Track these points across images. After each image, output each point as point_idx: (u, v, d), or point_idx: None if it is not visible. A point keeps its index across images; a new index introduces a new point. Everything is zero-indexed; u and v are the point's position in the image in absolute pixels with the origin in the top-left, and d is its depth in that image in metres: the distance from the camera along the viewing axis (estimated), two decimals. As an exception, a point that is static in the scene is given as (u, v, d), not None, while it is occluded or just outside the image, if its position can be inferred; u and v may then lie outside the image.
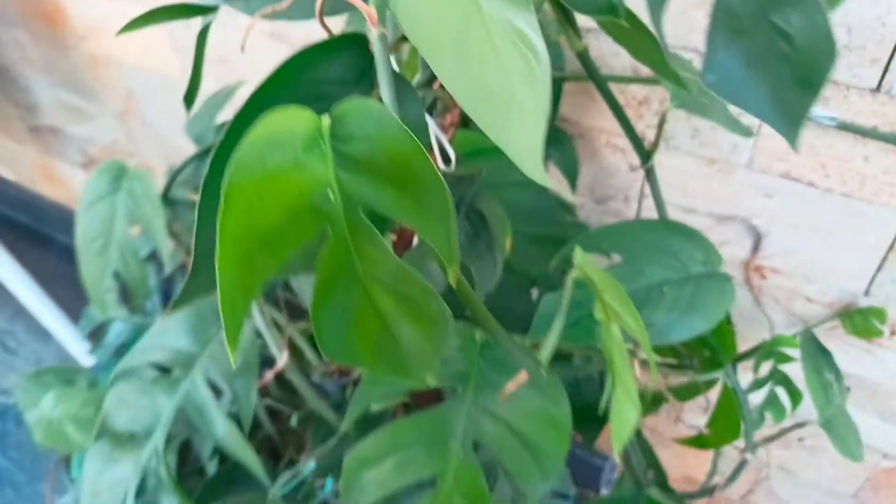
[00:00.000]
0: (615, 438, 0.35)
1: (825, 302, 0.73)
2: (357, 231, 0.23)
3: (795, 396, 0.71)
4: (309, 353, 0.56)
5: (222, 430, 0.46)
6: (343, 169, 0.23)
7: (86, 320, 0.98)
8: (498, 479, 0.50)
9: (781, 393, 0.70)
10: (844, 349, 0.75)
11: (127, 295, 0.72)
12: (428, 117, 0.34)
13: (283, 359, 0.45)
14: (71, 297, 1.06)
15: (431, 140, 0.34)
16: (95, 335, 0.97)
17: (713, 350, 0.54)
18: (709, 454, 0.71)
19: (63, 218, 1.89)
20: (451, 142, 0.37)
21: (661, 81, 0.51)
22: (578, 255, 0.34)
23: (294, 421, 0.63)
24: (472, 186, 0.47)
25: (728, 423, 0.56)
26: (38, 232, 1.88)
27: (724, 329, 0.52)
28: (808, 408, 0.69)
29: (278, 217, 0.22)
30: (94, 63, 1.19)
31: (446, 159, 0.35)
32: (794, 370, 0.67)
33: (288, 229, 0.23)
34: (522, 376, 0.35)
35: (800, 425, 0.61)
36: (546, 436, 0.42)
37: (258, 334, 0.48)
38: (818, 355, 0.58)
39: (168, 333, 0.51)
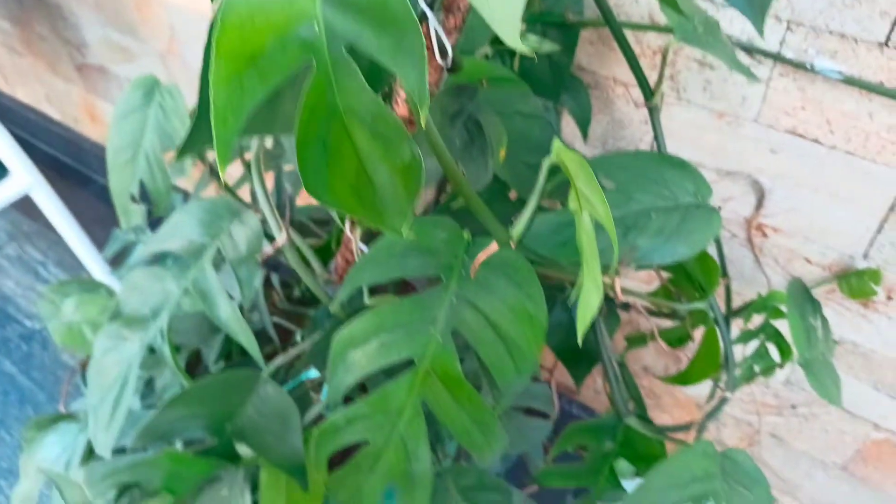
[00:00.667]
0: (580, 322, 0.38)
1: (824, 264, 0.74)
2: (338, 65, 0.26)
3: (785, 352, 0.72)
4: (314, 263, 0.60)
5: (225, 313, 0.49)
6: (328, 5, 0.26)
7: (112, 242, 1.03)
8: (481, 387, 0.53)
9: (772, 350, 0.72)
10: (840, 312, 0.76)
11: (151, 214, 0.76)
12: (427, 9, 0.37)
13: (282, 236, 0.49)
14: (104, 236, 1.11)
15: (430, 32, 0.37)
16: (120, 259, 1.02)
17: (698, 283, 0.56)
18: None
19: (103, 159, 1.95)
20: (453, 47, 0.40)
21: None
22: (556, 144, 0.36)
23: (299, 336, 0.67)
24: (474, 99, 0.49)
25: (709, 357, 0.57)
26: (78, 172, 1.95)
27: (709, 262, 0.54)
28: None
29: (267, 41, 0.25)
30: (142, 1, 1.23)
31: (443, 53, 0.37)
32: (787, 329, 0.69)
33: (276, 55, 0.25)
34: (492, 247, 0.37)
35: (779, 365, 0.62)
36: (522, 331, 0.44)
37: (263, 222, 0.51)
38: (805, 302, 0.59)
39: (181, 226, 0.54)
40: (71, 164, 1.96)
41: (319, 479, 0.55)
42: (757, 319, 0.73)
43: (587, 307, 0.37)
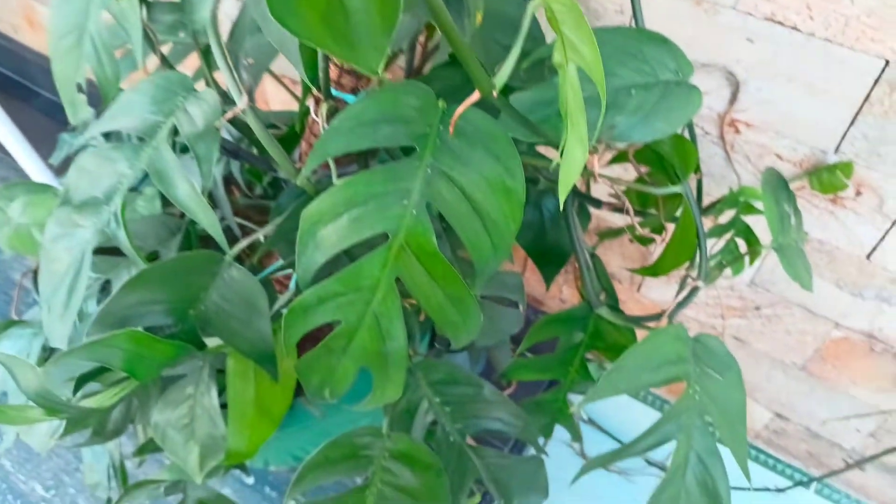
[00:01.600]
0: (562, 182, 0.36)
1: (795, 160, 0.73)
2: None
3: (755, 248, 0.72)
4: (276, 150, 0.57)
5: (184, 191, 0.46)
6: None
7: (59, 148, 0.98)
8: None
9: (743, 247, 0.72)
10: (808, 210, 0.77)
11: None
12: None
13: (242, 101, 0.45)
14: (51, 152, 1.05)
15: None
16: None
17: (673, 170, 0.55)
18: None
19: (48, 70, 1.85)
20: None
21: None
22: (541, -11, 0.33)
23: (262, 236, 0.64)
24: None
25: (683, 243, 0.57)
26: (21, 85, 1.85)
27: (686, 145, 0.52)
28: (769, 272, 0.69)
29: None
30: None
31: None
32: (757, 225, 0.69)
33: None
34: (474, 96, 0.35)
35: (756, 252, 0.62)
36: (499, 205, 0.42)
37: (224, 99, 0.47)
38: (779, 189, 0.59)
39: (132, 104, 0.50)
40: (13, 77, 1.85)
41: (289, 368, 0.54)
42: (727, 216, 0.73)
43: (571, 165, 0.35)
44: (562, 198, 0.36)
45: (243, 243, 0.48)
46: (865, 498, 1.10)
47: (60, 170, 0.98)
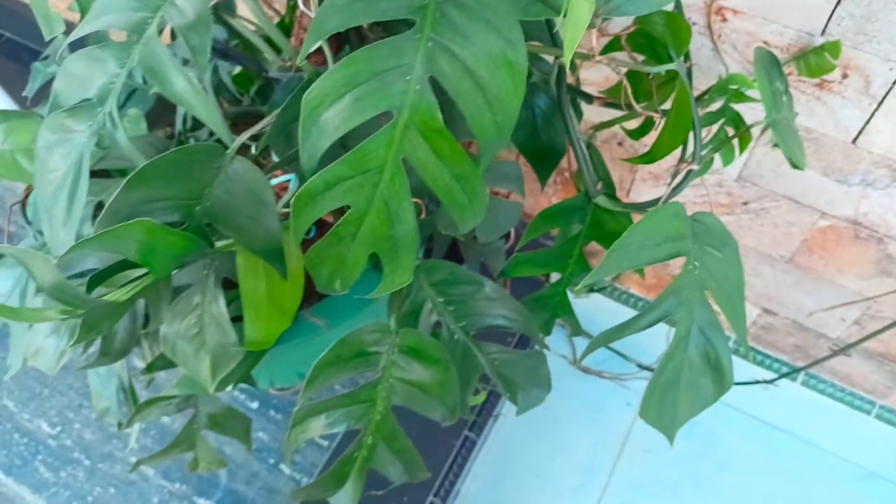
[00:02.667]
0: (568, 40, 0.36)
1: (782, 45, 0.74)
2: None
3: (744, 138, 0.73)
4: (265, 51, 0.56)
5: (180, 83, 0.45)
6: None
7: (33, 78, 0.95)
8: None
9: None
10: (796, 97, 0.77)
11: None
12: None
13: None
14: (20, 93, 1.02)
15: None
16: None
17: (665, 48, 0.54)
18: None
19: (8, 10, 1.78)
20: None
21: None
22: None
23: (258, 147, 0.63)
24: None
25: (678, 126, 0.57)
26: (-23, 29, 1.78)
27: (679, 22, 0.52)
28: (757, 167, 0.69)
29: None
30: None
31: None
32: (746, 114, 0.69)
33: None
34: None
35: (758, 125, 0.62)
36: (502, 80, 0.42)
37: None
38: (771, 66, 0.59)
39: (113, 3, 0.49)
40: (-31, 20, 1.78)
41: (297, 266, 0.54)
42: (716, 106, 0.73)
43: (577, 21, 0.35)
44: (567, 56, 0.36)
45: (244, 135, 0.48)
46: (850, 386, 1.14)
47: (36, 103, 0.95)
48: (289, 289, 0.52)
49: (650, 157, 0.62)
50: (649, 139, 0.75)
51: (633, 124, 0.74)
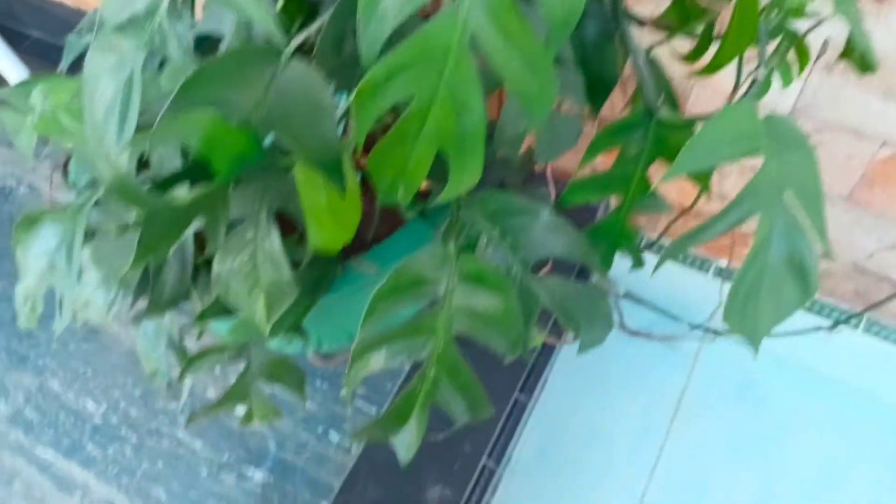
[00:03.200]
0: None
1: (841, -45, 0.70)
2: None
3: (803, 55, 0.70)
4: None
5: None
6: None
7: (68, 51, 0.94)
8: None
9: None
10: (856, 11, 0.74)
11: None
12: None
13: None
14: None
15: None
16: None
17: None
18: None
19: (37, 9, 1.79)
20: None
21: None
22: None
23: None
24: None
25: (743, 27, 0.54)
26: (8, 29, 1.79)
27: None
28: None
29: None
30: None
31: None
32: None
33: None
34: None
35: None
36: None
37: None
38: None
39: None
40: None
41: (353, 185, 0.52)
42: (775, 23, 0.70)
43: None
44: None
45: (300, 36, 0.46)
46: (914, 331, 1.10)
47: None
48: (347, 206, 0.50)
49: (715, 65, 0.59)
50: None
51: (686, 49, 0.71)
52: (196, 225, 0.61)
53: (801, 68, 0.72)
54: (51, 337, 1.22)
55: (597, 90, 0.69)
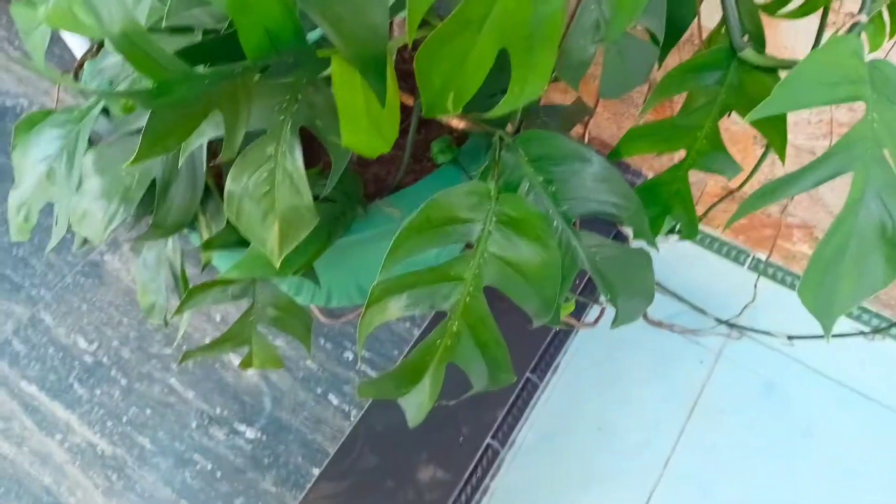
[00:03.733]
0: None
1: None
2: None
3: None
4: None
5: None
6: None
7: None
8: None
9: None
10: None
11: None
12: None
13: None
14: None
15: None
16: None
17: None
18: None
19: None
20: None
21: None
22: None
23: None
24: None
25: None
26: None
27: None
28: None
29: None
30: None
31: None
32: None
33: None
34: None
35: None
36: None
37: None
38: None
39: None
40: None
41: (392, 91, 0.46)
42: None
43: None
44: None
45: None
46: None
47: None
48: (386, 115, 0.44)
49: (806, 8, 0.52)
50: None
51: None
52: (211, 132, 0.55)
53: (895, 29, 0.65)
54: (48, 268, 1.16)
55: (670, 27, 0.62)
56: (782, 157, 0.58)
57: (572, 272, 0.62)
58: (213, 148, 0.60)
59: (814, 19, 0.59)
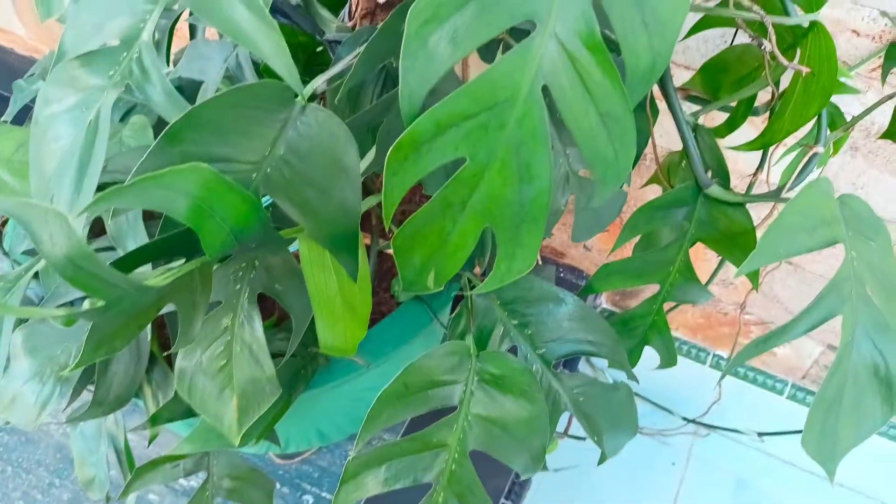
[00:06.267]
0: None
1: (874, 33, 0.66)
2: None
3: (837, 122, 0.65)
4: (321, 8, 0.46)
5: (238, 12, 0.35)
6: None
7: (16, 97, 0.84)
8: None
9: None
10: (884, 93, 0.70)
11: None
12: None
13: None
14: None
15: None
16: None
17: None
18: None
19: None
20: None
21: None
22: None
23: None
24: None
25: (811, 92, 0.48)
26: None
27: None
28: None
29: None
30: None
31: None
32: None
33: None
34: None
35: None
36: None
37: None
38: None
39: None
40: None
41: (364, 264, 0.43)
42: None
43: None
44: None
45: (320, 78, 0.37)
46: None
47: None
48: (358, 291, 0.41)
49: (769, 138, 0.53)
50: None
51: (715, 123, 0.66)
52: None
53: (838, 147, 0.67)
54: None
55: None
56: (756, 288, 0.58)
57: (556, 417, 0.59)
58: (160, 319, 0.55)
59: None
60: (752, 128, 0.69)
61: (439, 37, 0.32)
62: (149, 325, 0.57)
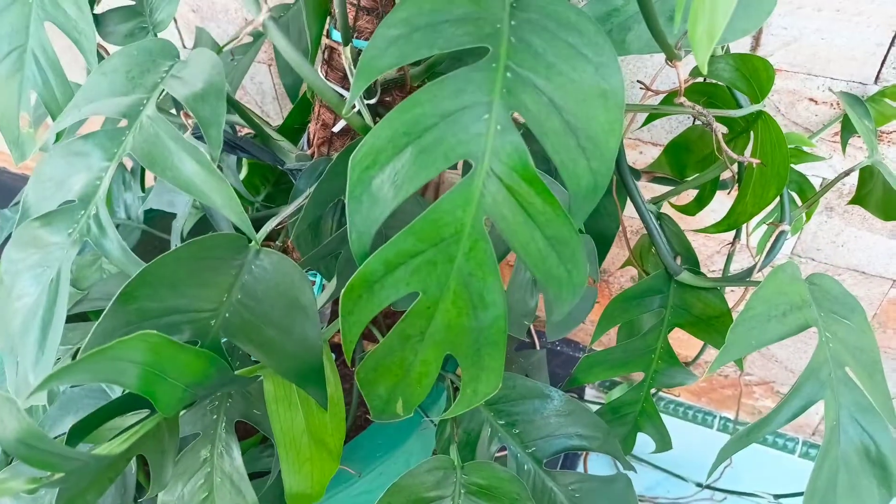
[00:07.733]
0: (700, 52, 0.27)
1: (831, 101, 0.68)
2: None
3: (806, 192, 0.66)
4: (280, 139, 0.47)
5: (188, 168, 0.36)
6: None
7: (1, 229, 0.85)
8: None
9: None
10: (850, 155, 0.70)
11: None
12: None
13: (263, 12, 0.36)
14: None
15: None
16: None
17: (745, 90, 0.47)
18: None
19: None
20: None
21: None
22: None
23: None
24: None
25: (767, 178, 0.49)
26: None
27: (755, 61, 0.45)
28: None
29: None
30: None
31: None
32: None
33: None
34: None
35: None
36: (594, 115, 0.34)
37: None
38: (857, 105, 0.52)
39: (98, 87, 0.40)
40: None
41: (336, 391, 0.43)
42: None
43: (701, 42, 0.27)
44: (703, 60, 0.28)
45: (270, 223, 0.37)
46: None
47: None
48: (329, 421, 0.40)
49: (733, 221, 0.53)
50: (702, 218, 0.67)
51: (684, 200, 0.67)
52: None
53: (809, 215, 0.67)
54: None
55: (599, 238, 0.62)
56: (741, 370, 0.57)
57: (552, 516, 0.57)
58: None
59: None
60: (726, 198, 0.70)
61: (381, 181, 0.33)
62: (133, 458, 0.56)
